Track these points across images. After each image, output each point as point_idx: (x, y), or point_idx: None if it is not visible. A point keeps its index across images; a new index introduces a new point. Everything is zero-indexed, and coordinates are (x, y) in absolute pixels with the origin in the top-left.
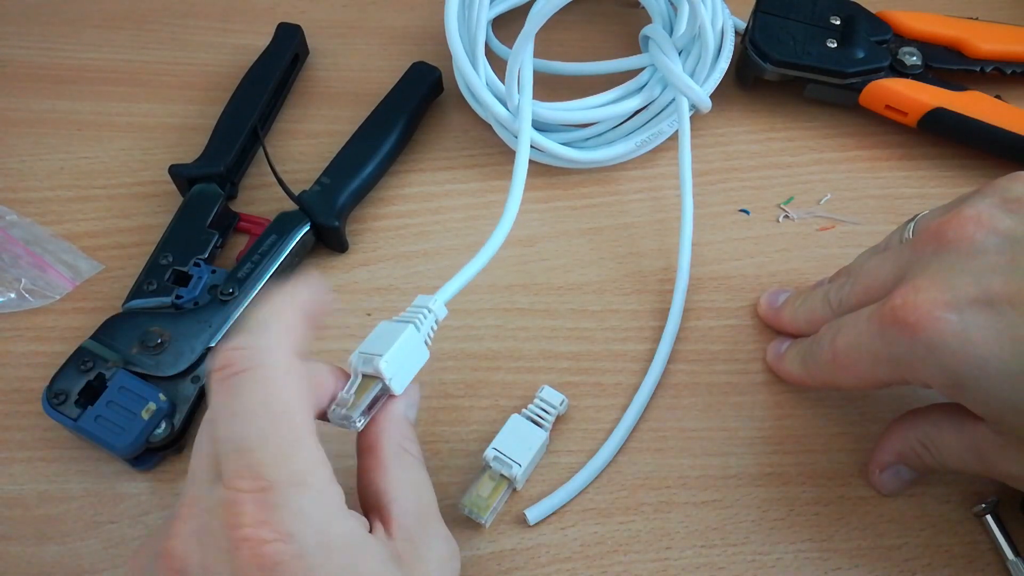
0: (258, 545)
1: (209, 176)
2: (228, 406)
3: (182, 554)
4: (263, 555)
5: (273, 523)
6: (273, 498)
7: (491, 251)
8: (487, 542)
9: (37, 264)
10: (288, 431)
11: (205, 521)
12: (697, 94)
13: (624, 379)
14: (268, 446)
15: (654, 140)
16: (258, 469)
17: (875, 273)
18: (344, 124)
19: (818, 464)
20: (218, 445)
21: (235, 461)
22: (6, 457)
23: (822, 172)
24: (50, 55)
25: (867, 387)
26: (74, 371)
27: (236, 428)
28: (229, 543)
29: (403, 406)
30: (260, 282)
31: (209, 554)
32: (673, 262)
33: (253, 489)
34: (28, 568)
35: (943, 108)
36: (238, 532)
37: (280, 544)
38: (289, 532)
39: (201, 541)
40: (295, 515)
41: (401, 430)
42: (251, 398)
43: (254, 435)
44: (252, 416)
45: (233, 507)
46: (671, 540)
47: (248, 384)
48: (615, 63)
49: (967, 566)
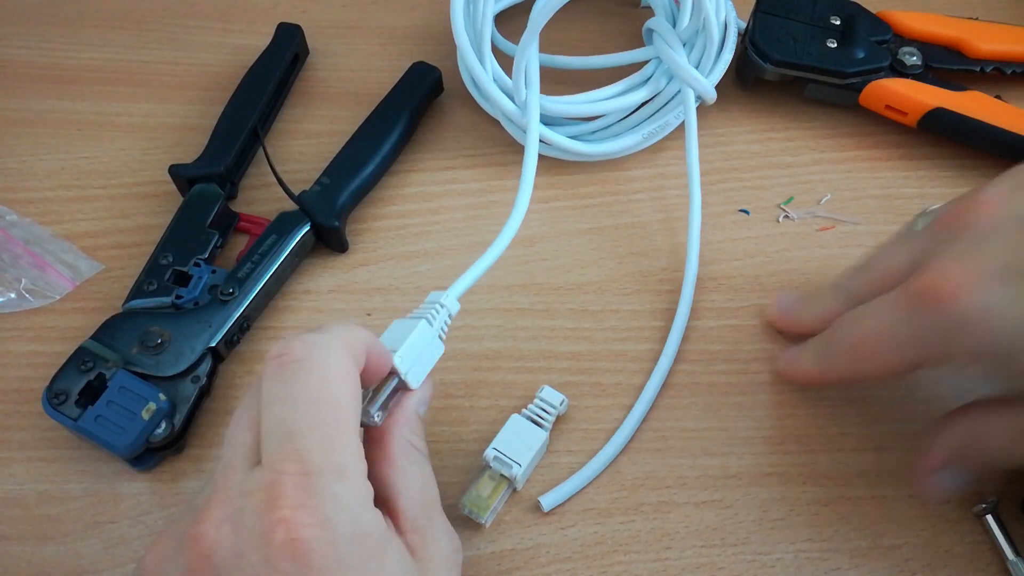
0: (294, 528)
1: (209, 176)
2: (282, 391)
3: (213, 538)
4: (297, 539)
5: (311, 508)
6: (315, 483)
7: (502, 246)
8: (487, 542)
9: (37, 264)
10: (336, 422)
11: (240, 505)
12: (703, 85)
13: (625, 379)
14: (316, 434)
15: (661, 132)
16: (304, 453)
17: (891, 261)
18: (344, 124)
19: (818, 464)
20: (264, 427)
21: (283, 445)
22: (6, 457)
23: (822, 172)
24: (50, 55)
25: (888, 374)
26: (74, 371)
27: (286, 412)
28: (264, 525)
29: (415, 402)
30: (260, 282)
31: (242, 538)
32: (674, 262)
33: (296, 472)
34: (28, 568)
35: (943, 108)
36: (276, 514)
37: (315, 530)
38: (325, 518)
39: (235, 525)
40: (333, 502)
41: (410, 425)
42: (306, 386)
43: (304, 421)
44: (304, 403)
45: (274, 488)
46: (671, 540)
47: (304, 373)
48: (620, 56)
49: (967, 566)
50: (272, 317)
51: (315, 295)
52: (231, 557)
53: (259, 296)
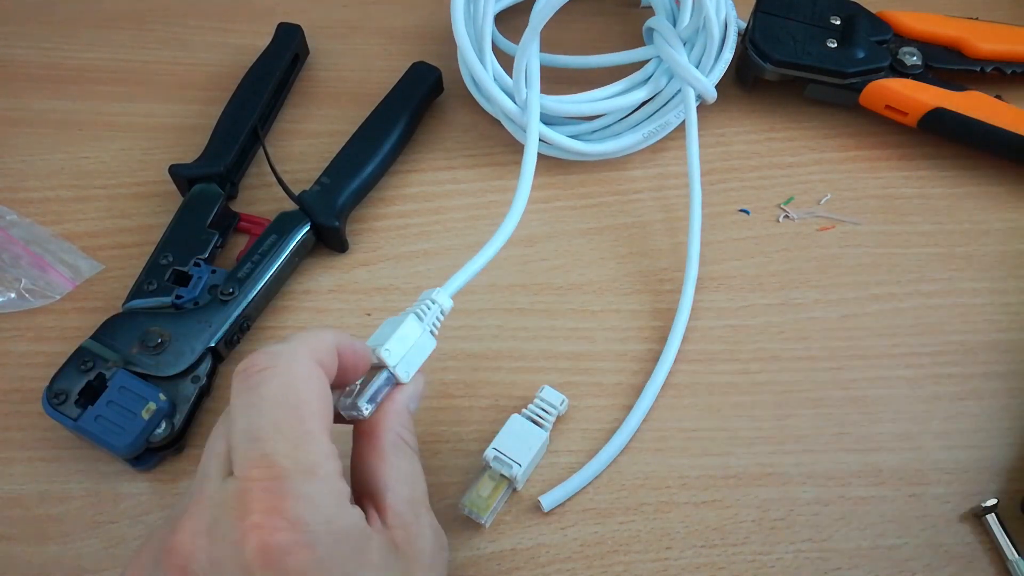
0: (268, 533)
1: (209, 176)
2: (247, 400)
3: (188, 550)
4: (272, 544)
5: (282, 511)
6: (284, 486)
7: (499, 243)
8: (487, 542)
9: (37, 264)
10: (300, 423)
11: (215, 515)
12: (703, 84)
13: (625, 379)
14: (281, 436)
15: (661, 131)
16: (271, 458)
17: None
18: (344, 124)
19: (818, 464)
20: (232, 438)
21: (248, 451)
22: (6, 457)
23: (822, 172)
24: (50, 55)
25: None
26: (74, 371)
27: (251, 419)
28: (238, 534)
29: (406, 396)
30: (260, 282)
31: (217, 548)
32: (674, 262)
33: (265, 478)
34: (28, 568)
35: (943, 108)
36: (248, 520)
37: (288, 533)
38: (299, 520)
39: (211, 535)
40: (305, 503)
41: (401, 419)
42: (268, 392)
43: (268, 425)
44: (267, 407)
45: (244, 495)
46: (671, 540)
47: (266, 380)
48: (620, 55)
49: (967, 566)
50: (272, 317)
51: (315, 295)
52: (208, 567)
53: (259, 296)
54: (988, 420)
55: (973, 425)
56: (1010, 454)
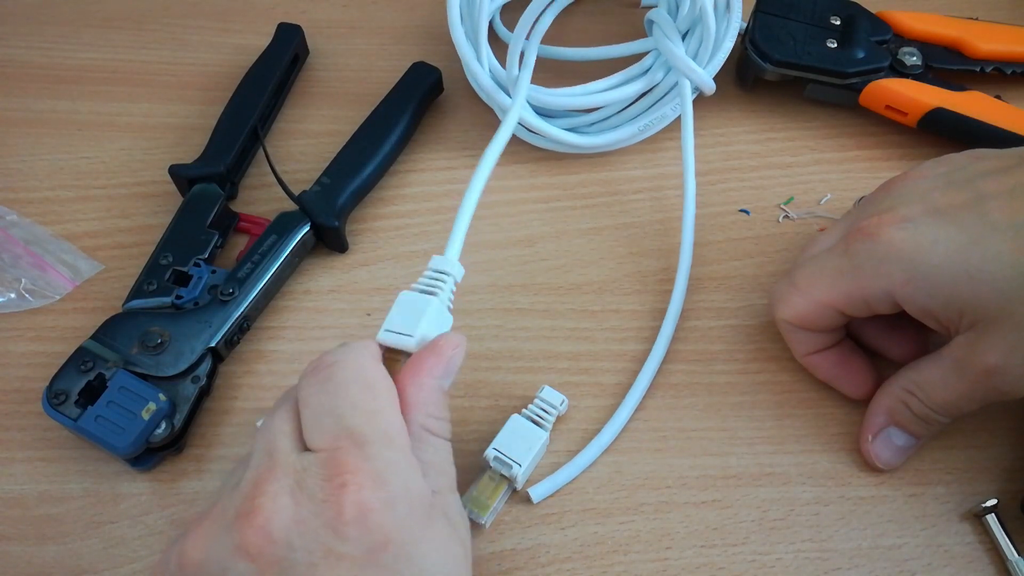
0: (356, 490)
1: (209, 176)
2: (320, 387)
3: (271, 509)
4: (360, 500)
5: (367, 471)
6: (368, 451)
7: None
8: (487, 542)
9: (37, 264)
10: (375, 399)
11: (299, 479)
12: (699, 75)
13: (624, 379)
14: (359, 411)
15: (657, 124)
16: (352, 429)
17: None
18: (344, 124)
19: (818, 464)
20: (307, 419)
21: (330, 426)
22: (6, 457)
23: (822, 172)
24: (50, 55)
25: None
26: (74, 371)
27: (329, 400)
28: (327, 491)
29: (435, 377)
30: (260, 282)
31: (304, 507)
32: (674, 262)
33: (349, 445)
34: (28, 568)
35: (943, 108)
36: (336, 480)
37: (374, 491)
38: (382, 479)
39: (294, 496)
40: (387, 465)
41: (427, 408)
42: (342, 376)
43: (346, 403)
44: (343, 390)
45: (332, 459)
46: (671, 540)
47: (339, 369)
48: (619, 47)
49: (967, 566)
50: (272, 317)
51: (315, 295)
52: (292, 525)
53: (259, 296)
54: (988, 420)
55: (973, 425)
56: (1010, 454)
